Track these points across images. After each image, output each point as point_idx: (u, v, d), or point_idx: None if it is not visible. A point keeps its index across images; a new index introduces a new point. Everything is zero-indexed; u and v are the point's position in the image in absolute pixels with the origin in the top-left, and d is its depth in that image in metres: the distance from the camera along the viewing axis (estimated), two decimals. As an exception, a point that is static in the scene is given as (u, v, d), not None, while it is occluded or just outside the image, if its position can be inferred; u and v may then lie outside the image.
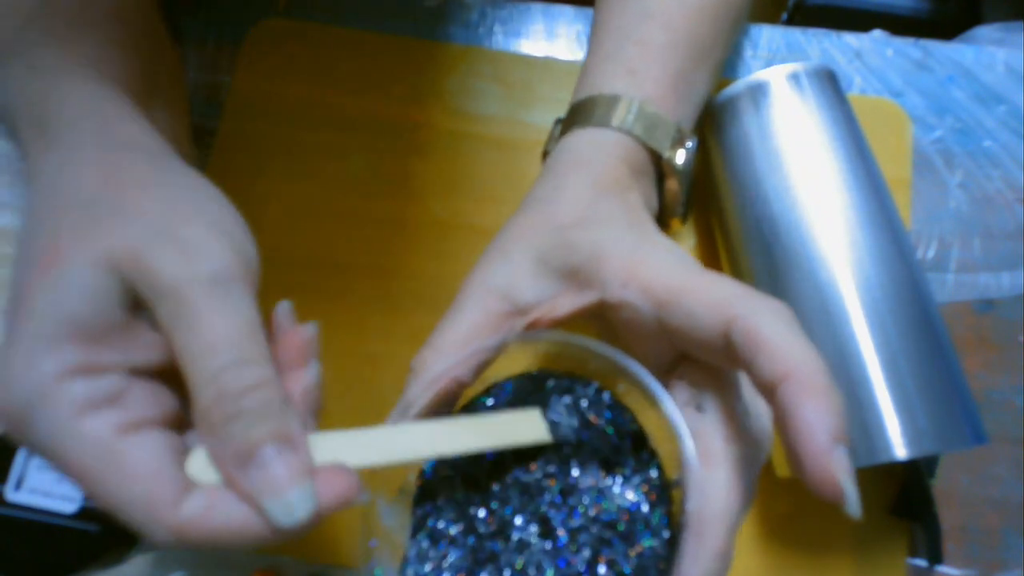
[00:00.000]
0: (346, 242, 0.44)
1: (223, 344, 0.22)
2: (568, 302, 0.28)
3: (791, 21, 1.01)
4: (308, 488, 0.21)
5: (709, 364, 0.25)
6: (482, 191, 0.45)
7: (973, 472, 0.41)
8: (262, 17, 0.48)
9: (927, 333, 0.35)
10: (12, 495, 0.27)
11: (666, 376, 0.26)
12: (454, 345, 0.28)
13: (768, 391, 0.22)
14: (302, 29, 0.48)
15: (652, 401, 0.25)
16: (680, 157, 0.34)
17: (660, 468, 0.26)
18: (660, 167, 0.35)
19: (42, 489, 0.27)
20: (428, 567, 0.25)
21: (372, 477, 0.25)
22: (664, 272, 0.25)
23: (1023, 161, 0.46)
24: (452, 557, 0.25)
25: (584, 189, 0.31)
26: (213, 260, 0.23)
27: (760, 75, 0.39)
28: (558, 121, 0.37)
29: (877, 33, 0.49)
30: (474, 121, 0.46)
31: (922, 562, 0.40)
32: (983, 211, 0.45)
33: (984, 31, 0.70)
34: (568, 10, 0.49)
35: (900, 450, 0.33)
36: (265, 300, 0.43)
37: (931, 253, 0.45)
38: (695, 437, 0.24)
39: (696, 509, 0.23)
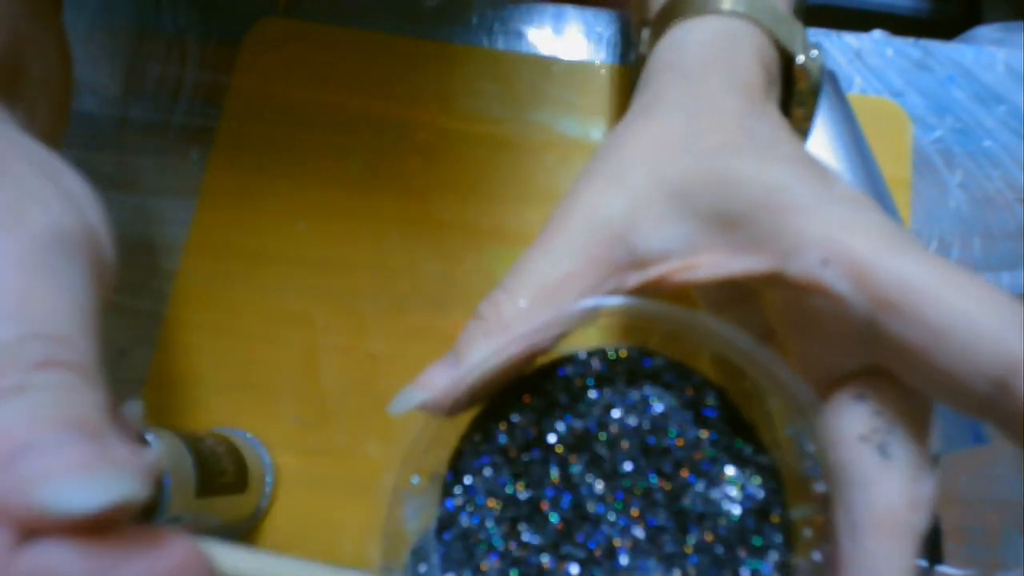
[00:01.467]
0: (346, 242, 0.44)
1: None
2: (718, 263, 0.20)
3: (791, 21, 1.01)
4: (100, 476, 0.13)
5: (910, 386, 0.18)
6: (483, 191, 0.45)
7: (973, 472, 0.41)
8: (262, 17, 0.48)
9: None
10: (12, 495, 0.27)
11: (833, 387, 0.19)
12: (542, 296, 0.20)
13: None
14: (302, 29, 0.48)
15: (808, 428, 0.18)
16: (813, 64, 0.26)
17: (788, 540, 0.19)
18: (789, 76, 0.26)
19: (42, 489, 0.27)
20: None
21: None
22: (891, 255, 0.17)
23: (1023, 161, 0.46)
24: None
25: (730, 99, 0.22)
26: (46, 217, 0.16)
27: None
28: (643, 27, 0.28)
29: (877, 33, 0.49)
30: (475, 121, 0.46)
31: (922, 562, 0.40)
32: (983, 211, 0.45)
33: (984, 31, 0.70)
34: (570, 10, 0.49)
35: (900, 450, 0.33)
36: (265, 299, 0.44)
37: (931, 253, 0.45)
38: (874, 491, 0.17)
39: None
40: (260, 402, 0.42)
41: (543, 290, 0.20)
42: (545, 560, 0.20)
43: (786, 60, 0.26)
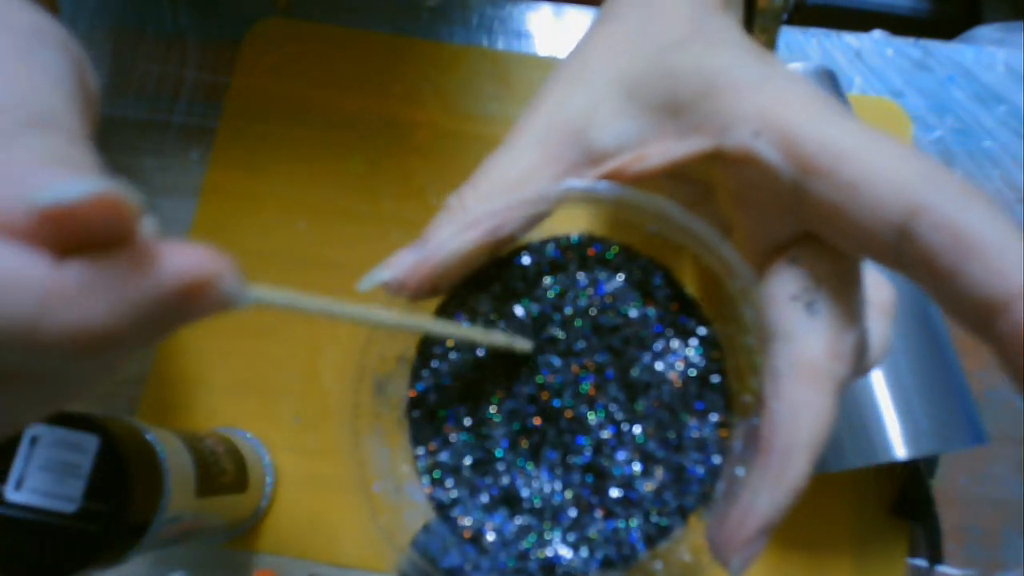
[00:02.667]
0: (346, 242, 0.44)
1: None
2: (665, 149, 0.21)
3: (791, 21, 1.01)
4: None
5: (836, 249, 0.19)
6: (482, 191, 0.45)
7: (973, 472, 0.41)
8: (262, 17, 0.48)
9: (927, 333, 0.35)
10: (12, 495, 0.27)
11: (774, 256, 0.20)
12: (503, 188, 0.22)
13: (980, 313, 0.16)
14: (302, 29, 0.48)
15: (744, 293, 0.20)
16: None
17: (723, 366, 0.22)
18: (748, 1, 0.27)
19: (42, 489, 0.27)
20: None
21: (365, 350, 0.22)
22: (816, 122, 0.18)
23: (1023, 161, 0.46)
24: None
25: (684, 3, 0.23)
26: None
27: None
28: None
29: (877, 33, 0.49)
30: (474, 121, 0.46)
31: (922, 562, 0.40)
32: (983, 211, 0.45)
33: (984, 31, 0.70)
34: (569, 10, 0.49)
35: (900, 450, 0.33)
36: (265, 300, 0.43)
37: (931, 253, 0.45)
38: (798, 343, 0.19)
39: (781, 432, 0.19)
40: (260, 402, 0.42)
41: (505, 183, 0.22)
42: (506, 430, 0.22)
43: None
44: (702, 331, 0.22)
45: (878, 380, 0.34)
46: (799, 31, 0.48)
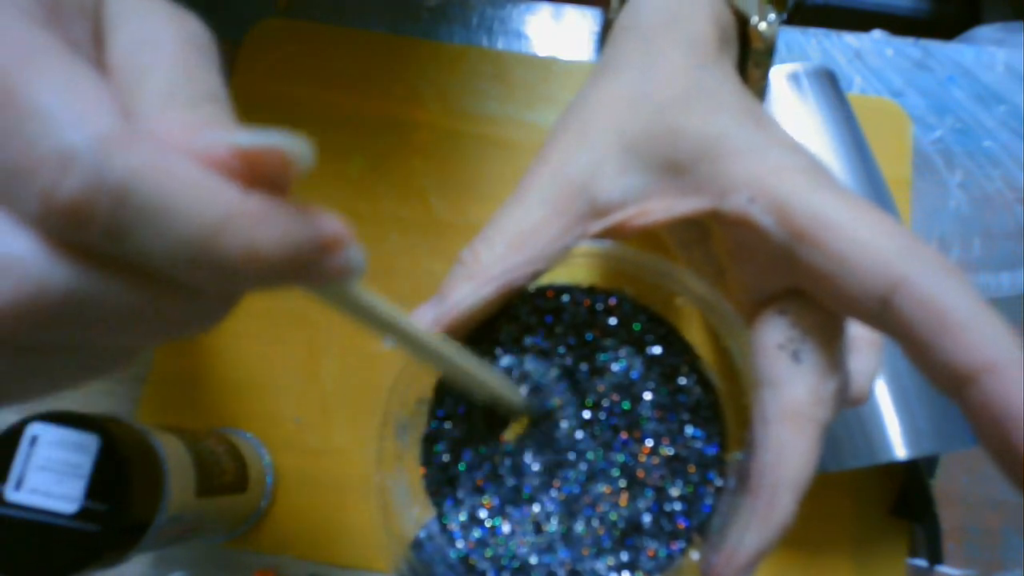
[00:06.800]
0: (346, 242, 0.43)
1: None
2: (666, 207, 0.22)
3: (791, 21, 1.01)
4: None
5: (822, 304, 0.21)
6: (482, 191, 0.45)
7: (973, 472, 0.41)
8: (262, 17, 0.48)
9: (927, 333, 0.35)
10: (12, 495, 0.27)
11: (763, 306, 0.22)
12: (514, 243, 0.23)
13: (953, 381, 0.17)
14: (302, 29, 0.48)
15: (734, 336, 0.22)
16: (766, 26, 0.28)
17: (722, 427, 0.23)
18: (744, 38, 0.29)
19: (42, 489, 0.27)
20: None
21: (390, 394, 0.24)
22: (808, 192, 0.20)
23: (1023, 161, 0.46)
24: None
25: (680, 54, 0.24)
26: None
27: (760, 75, 0.39)
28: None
29: (877, 33, 0.50)
30: (474, 121, 0.46)
31: (922, 562, 0.40)
32: (983, 211, 0.45)
33: (984, 31, 0.70)
34: (570, 10, 0.49)
35: (900, 450, 0.33)
36: (265, 300, 0.43)
37: (931, 253, 0.45)
38: (784, 389, 0.20)
39: (768, 472, 0.20)
40: (260, 402, 0.42)
41: (516, 238, 0.23)
42: (517, 455, 0.24)
43: (743, 23, 0.28)
44: (693, 370, 0.24)
45: (878, 380, 0.34)
46: (799, 31, 0.48)
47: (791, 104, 0.38)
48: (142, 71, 0.16)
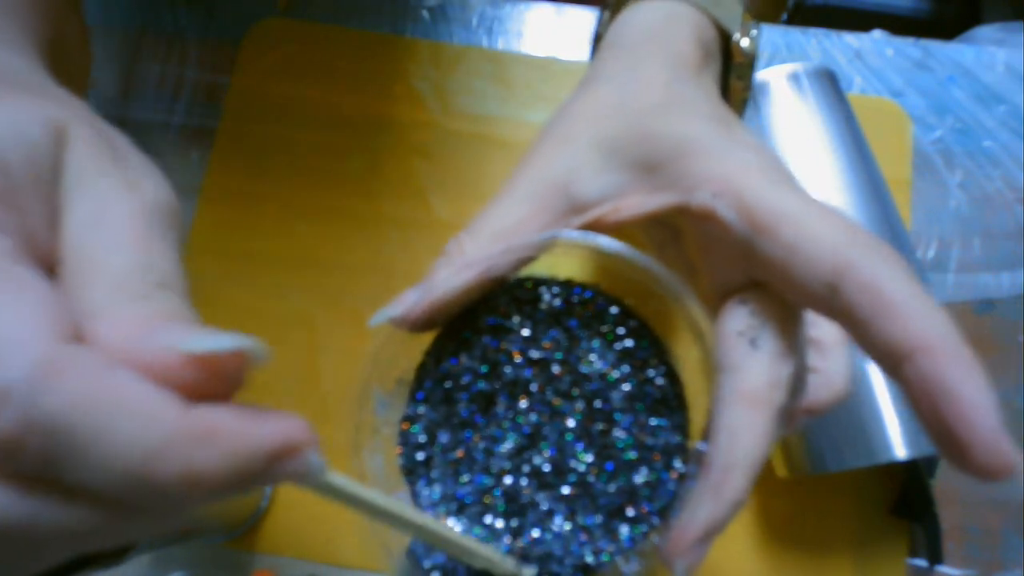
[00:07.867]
0: (345, 242, 0.44)
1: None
2: (638, 203, 0.24)
3: (791, 21, 1.01)
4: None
5: (780, 294, 0.22)
6: (482, 191, 0.45)
7: (973, 472, 0.41)
8: (262, 17, 0.48)
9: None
10: (12, 495, 0.27)
11: (728, 296, 0.23)
12: (497, 236, 0.24)
13: (891, 359, 0.19)
14: (302, 29, 0.48)
15: (696, 332, 0.23)
16: (748, 42, 0.29)
17: (685, 408, 0.25)
18: (726, 52, 0.30)
19: (42, 489, 0.27)
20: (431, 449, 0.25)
21: (371, 368, 0.25)
22: (767, 189, 0.21)
23: (1023, 161, 0.46)
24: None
25: (660, 68, 0.26)
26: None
27: (760, 75, 0.39)
28: (603, 7, 0.31)
29: (877, 33, 0.50)
30: (474, 121, 0.46)
31: (922, 562, 0.40)
32: (983, 211, 0.45)
33: (984, 31, 0.70)
34: (569, 10, 0.49)
35: (900, 450, 0.33)
36: (265, 300, 0.43)
37: (931, 253, 0.45)
38: (741, 373, 0.21)
39: (722, 451, 0.21)
40: (260, 402, 0.42)
41: (499, 232, 0.24)
42: (489, 431, 0.25)
43: (725, 38, 0.29)
44: (663, 384, 0.25)
45: (878, 380, 0.34)
46: (799, 31, 0.48)
47: (791, 104, 0.38)
48: (92, 260, 0.17)
